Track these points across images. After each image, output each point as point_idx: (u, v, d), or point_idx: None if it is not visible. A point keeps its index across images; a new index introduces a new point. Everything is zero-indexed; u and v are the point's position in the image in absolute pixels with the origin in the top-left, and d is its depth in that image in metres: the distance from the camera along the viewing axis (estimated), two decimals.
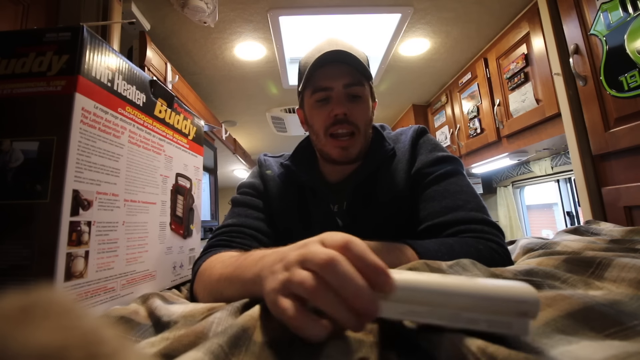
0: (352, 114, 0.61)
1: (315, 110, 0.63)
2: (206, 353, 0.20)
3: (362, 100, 0.62)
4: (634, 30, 0.96)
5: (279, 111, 2.50)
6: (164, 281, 0.58)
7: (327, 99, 0.62)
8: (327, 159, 0.66)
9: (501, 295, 0.20)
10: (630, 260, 0.32)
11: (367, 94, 0.64)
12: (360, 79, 0.62)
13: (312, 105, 0.64)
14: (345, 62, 0.60)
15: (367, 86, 0.64)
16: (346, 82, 0.61)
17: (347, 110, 0.60)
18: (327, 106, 0.62)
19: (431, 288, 0.22)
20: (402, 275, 0.23)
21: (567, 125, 1.23)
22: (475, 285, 0.21)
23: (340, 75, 0.61)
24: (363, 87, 0.62)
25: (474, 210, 0.54)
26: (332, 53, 0.58)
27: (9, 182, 0.37)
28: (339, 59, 0.59)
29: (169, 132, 0.61)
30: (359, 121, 0.62)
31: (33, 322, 0.10)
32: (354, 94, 0.61)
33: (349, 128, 0.61)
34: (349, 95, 0.61)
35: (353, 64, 0.59)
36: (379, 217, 0.62)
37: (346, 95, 0.61)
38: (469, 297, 0.21)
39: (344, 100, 0.61)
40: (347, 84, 0.61)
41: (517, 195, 2.33)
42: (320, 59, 0.59)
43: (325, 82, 0.61)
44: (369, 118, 0.64)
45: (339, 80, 0.60)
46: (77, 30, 0.40)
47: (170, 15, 1.41)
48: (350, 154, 0.62)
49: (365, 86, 0.63)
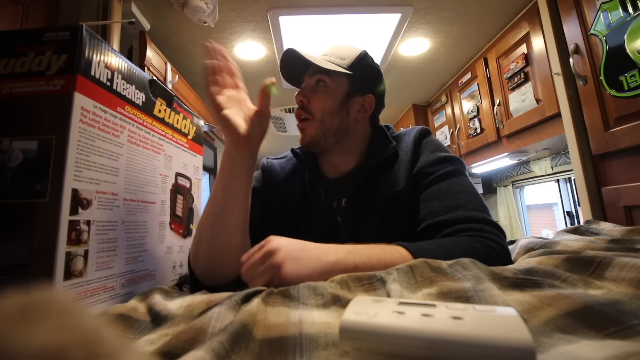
0: (309, 103, 0.67)
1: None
2: (208, 351, 0.20)
3: (324, 89, 0.67)
4: (634, 30, 0.96)
5: (279, 111, 2.50)
6: (164, 281, 0.58)
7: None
8: None
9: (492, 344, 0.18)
10: (630, 260, 0.32)
11: (335, 85, 0.67)
12: (324, 70, 0.65)
13: None
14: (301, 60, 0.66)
15: (338, 78, 0.67)
16: (311, 71, 0.68)
17: (304, 98, 0.67)
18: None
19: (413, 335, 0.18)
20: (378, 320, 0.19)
21: (567, 125, 1.23)
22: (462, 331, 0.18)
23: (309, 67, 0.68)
24: (328, 76, 0.66)
25: (475, 209, 0.54)
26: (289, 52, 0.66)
27: (8, 182, 0.37)
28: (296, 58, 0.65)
29: (168, 132, 0.61)
30: (315, 109, 0.66)
31: (33, 322, 0.10)
32: (319, 79, 0.67)
33: (303, 114, 0.67)
34: (316, 84, 0.68)
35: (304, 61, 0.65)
36: (378, 215, 0.62)
37: (313, 84, 0.68)
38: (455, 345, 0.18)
39: (306, 90, 0.68)
40: (312, 72, 0.68)
41: (517, 195, 2.33)
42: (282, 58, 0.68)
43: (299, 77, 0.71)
44: (328, 107, 0.66)
45: (308, 73, 0.69)
46: (76, 30, 0.40)
47: (170, 15, 1.40)
48: (306, 136, 0.67)
49: (332, 77, 0.66)
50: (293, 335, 0.25)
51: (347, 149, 0.69)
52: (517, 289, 0.30)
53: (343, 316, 0.20)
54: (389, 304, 0.22)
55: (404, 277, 0.34)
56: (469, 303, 0.28)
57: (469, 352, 0.18)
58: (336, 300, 0.31)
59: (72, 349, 0.10)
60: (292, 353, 0.23)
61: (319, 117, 0.66)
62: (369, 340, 0.19)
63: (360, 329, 0.19)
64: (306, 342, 0.24)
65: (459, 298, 0.29)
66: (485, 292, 0.29)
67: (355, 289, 0.34)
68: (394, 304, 0.21)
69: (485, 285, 0.30)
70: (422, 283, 0.33)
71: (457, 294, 0.29)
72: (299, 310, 0.29)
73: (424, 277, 0.34)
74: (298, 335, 0.25)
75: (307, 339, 0.24)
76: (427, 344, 0.18)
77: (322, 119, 0.66)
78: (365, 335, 0.19)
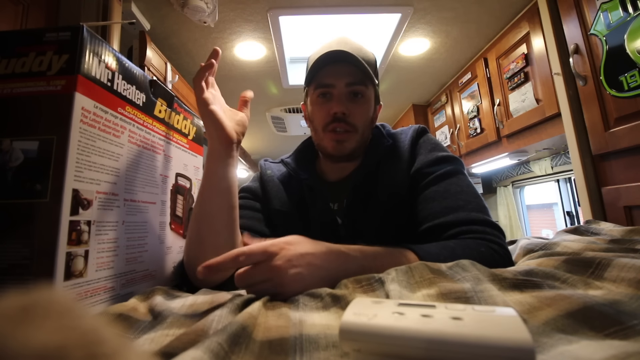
0: (351, 114, 0.61)
1: (316, 106, 0.65)
2: (205, 351, 0.20)
3: (363, 100, 0.63)
4: (634, 30, 0.96)
5: (279, 111, 2.50)
6: (164, 281, 0.58)
7: (328, 95, 0.63)
8: (324, 153, 0.68)
9: (492, 344, 0.18)
10: (629, 260, 0.32)
11: (370, 95, 0.64)
12: (363, 79, 0.62)
13: (314, 100, 0.65)
14: (350, 62, 0.60)
15: (371, 87, 0.64)
16: (348, 81, 0.61)
17: (347, 110, 0.61)
18: (328, 103, 0.63)
19: (412, 336, 0.18)
20: (377, 321, 0.19)
21: (567, 125, 1.23)
22: (462, 332, 0.19)
23: (343, 74, 0.61)
24: (366, 87, 0.63)
25: (475, 210, 0.53)
26: (338, 52, 0.59)
27: (9, 182, 0.37)
28: (344, 59, 0.60)
29: (168, 132, 0.61)
30: (357, 121, 0.62)
31: (33, 322, 0.10)
32: (356, 92, 0.62)
33: (346, 127, 0.62)
34: (351, 94, 0.62)
35: (357, 65, 0.60)
36: (378, 216, 0.62)
37: (348, 94, 0.62)
38: (454, 345, 0.18)
39: (345, 100, 0.62)
40: (350, 82, 0.61)
41: (517, 195, 2.33)
42: (325, 56, 0.60)
43: (328, 79, 0.62)
44: (368, 119, 0.65)
45: (342, 78, 0.61)
46: (77, 30, 0.40)
47: (170, 15, 1.41)
48: (345, 149, 0.63)
49: (368, 87, 0.63)
50: (293, 336, 0.25)
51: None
52: (516, 290, 0.30)
53: (343, 317, 0.20)
54: (388, 305, 0.22)
55: (402, 277, 0.34)
56: (469, 303, 0.28)
57: (468, 353, 0.18)
58: (335, 301, 0.31)
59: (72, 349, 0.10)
60: (292, 354, 0.23)
61: (361, 129, 0.63)
62: (368, 341, 0.19)
63: (360, 330, 0.19)
64: (306, 343, 0.24)
65: (458, 299, 0.29)
66: (484, 293, 0.29)
67: (354, 290, 0.34)
68: (393, 305, 0.21)
69: (485, 286, 0.30)
70: (422, 283, 0.33)
71: (456, 294, 0.29)
72: (299, 312, 0.29)
73: (423, 278, 0.34)
74: (298, 336, 0.25)
75: (307, 340, 0.24)
76: (427, 344, 0.18)
77: (363, 131, 0.64)
78: (365, 337, 0.19)
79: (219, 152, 0.51)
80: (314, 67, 0.62)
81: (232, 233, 0.54)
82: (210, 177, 0.52)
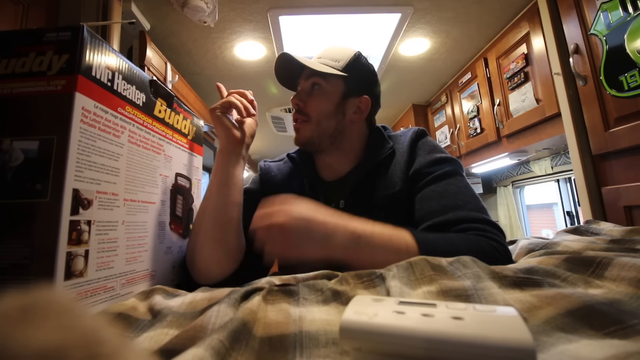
0: (306, 105, 0.67)
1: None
2: (207, 349, 0.20)
3: (319, 91, 0.67)
4: (634, 30, 0.96)
5: (279, 111, 2.50)
6: (164, 281, 0.58)
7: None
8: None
9: (493, 344, 0.17)
10: (630, 260, 0.32)
11: (329, 88, 0.67)
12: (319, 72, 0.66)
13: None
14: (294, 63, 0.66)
15: (333, 81, 0.67)
16: (306, 75, 0.68)
17: (300, 102, 0.67)
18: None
19: (413, 336, 0.18)
20: (378, 320, 0.20)
21: (567, 125, 1.23)
22: (463, 332, 0.18)
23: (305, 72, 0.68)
24: (323, 78, 0.67)
25: (474, 210, 0.53)
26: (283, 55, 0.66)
27: (9, 182, 0.37)
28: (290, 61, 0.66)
29: (168, 132, 0.61)
30: (311, 111, 0.67)
31: (33, 322, 0.10)
32: (313, 83, 0.68)
33: (300, 117, 0.68)
34: (310, 87, 0.68)
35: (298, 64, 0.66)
36: (376, 216, 0.62)
37: (308, 87, 0.68)
38: (455, 345, 0.18)
39: (302, 94, 0.68)
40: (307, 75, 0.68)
41: (517, 195, 2.33)
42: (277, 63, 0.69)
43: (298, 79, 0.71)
44: (327, 110, 0.67)
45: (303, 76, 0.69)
46: (77, 30, 0.40)
47: (170, 15, 1.40)
48: (300, 137, 0.68)
49: (327, 79, 0.67)
50: (293, 333, 0.25)
51: (343, 150, 0.69)
52: (517, 288, 0.30)
53: (343, 316, 0.20)
54: (389, 304, 0.22)
55: (403, 274, 0.35)
56: (469, 301, 0.28)
57: (469, 353, 0.18)
58: (336, 296, 0.31)
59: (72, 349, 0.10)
60: (292, 351, 0.23)
61: (315, 119, 0.67)
62: (369, 340, 0.19)
63: (361, 329, 0.19)
64: (306, 340, 0.24)
65: (458, 296, 0.29)
66: (485, 291, 0.29)
67: (355, 286, 0.34)
68: (394, 304, 0.21)
69: (485, 283, 0.30)
70: (422, 280, 0.33)
71: (457, 292, 0.29)
72: (299, 307, 0.29)
73: (423, 275, 0.34)
74: (298, 332, 0.25)
75: (307, 336, 0.24)
76: (428, 344, 0.18)
77: (319, 121, 0.67)
78: (365, 335, 0.19)
79: (227, 149, 0.58)
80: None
81: (238, 229, 0.55)
82: (217, 173, 0.57)
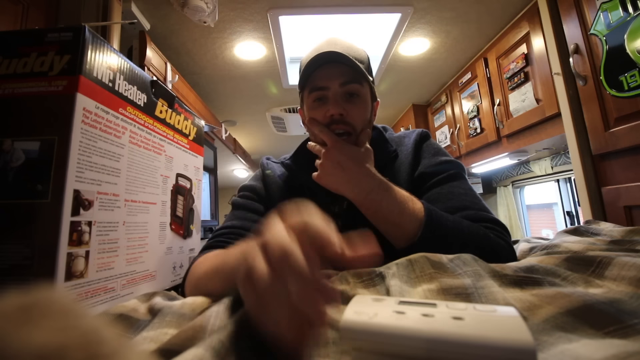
0: (348, 114, 0.60)
1: (312, 111, 0.63)
2: (207, 349, 0.20)
3: (359, 99, 0.62)
4: (634, 30, 0.96)
5: (279, 111, 2.50)
6: (164, 281, 0.58)
7: (323, 98, 0.61)
8: None
9: (493, 345, 0.17)
10: (630, 259, 0.32)
11: (366, 94, 0.63)
12: (357, 78, 0.61)
13: (310, 105, 0.63)
14: (342, 62, 0.59)
15: (366, 85, 0.63)
16: (342, 81, 0.60)
17: (343, 111, 0.59)
18: (324, 106, 0.61)
19: (413, 336, 0.18)
20: (378, 320, 0.20)
21: (567, 125, 1.23)
22: (463, 332, 0.18)
23: (336, 74, 0.60)
24: (360, 85, 0.61)
25: (482, 210, 0.55)
26: (328, 53, 0.58)
27: (10, 182, 0.37)
28: (336, 59, 0.59)
29: (169, 133, 0.61)
30: (356, 121, 0.61)
31: (33, 322, 0.10)
32: (351, 92, 0.61)
33: (345, 128, 0.60)
34: (347, 94, 0.61)
35: (349, 64, 0.59)
36: None
37: (343, 94, 0.61)
38: (455, 345, 0.18)
39: (341, 100, 0.60)
40: (344, 82, 0.60)
41: (517, 195, 2.33)
42: (316, 59, 0.59)
43: (321, 82, 0.61)
44: (366, 118, 0.63)
45: (335, 79, 0.60)
46: (79, 31, 0.40)
47: (170, 15, 1.41)
48: None
49: (363, 85, 0.62)
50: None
51: None
52: (517, 287, 0.30)
53: (343, 316, 0.20)
54: (389, 304, 0.22)
55: (403, 272, 0.35)
56: (469, 300, 0.28)
57: (469, 353, 0.18)
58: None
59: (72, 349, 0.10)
60: None
61: (360, 129, 0.61)
62: (369, 340, 0.19)
63: (361, 329, 0.19)
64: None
65: (458, 295, 0.29)
66: (485, 289, 0.29)
67: (355, 285, 0.34)
68: (394, 304, 0.21)
69: (486, 282, 0.30)
70: (422, 278, 0.33)
71: (457, 290, 0.29)
72: None
73: (423, 273, 0.34)
74: None
75: None
76: (428, 344, 0.18)
77: (362, 131, 0.62)
78: (365, 336, 0.19)
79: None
80: (306, 70, 0.60)
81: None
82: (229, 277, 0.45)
